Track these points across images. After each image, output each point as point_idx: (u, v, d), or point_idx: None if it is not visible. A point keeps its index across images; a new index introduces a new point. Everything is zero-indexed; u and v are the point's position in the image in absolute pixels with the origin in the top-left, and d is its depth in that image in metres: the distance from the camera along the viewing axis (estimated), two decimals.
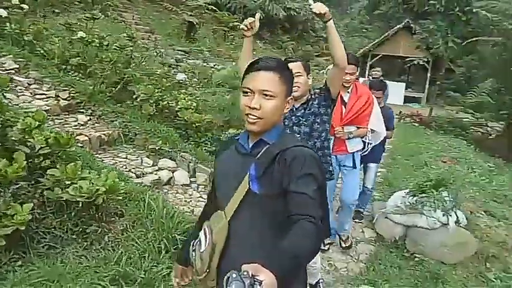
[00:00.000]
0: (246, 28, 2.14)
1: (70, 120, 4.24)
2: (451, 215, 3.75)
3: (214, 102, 4.96)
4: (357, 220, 4.34)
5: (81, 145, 3.75)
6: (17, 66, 4.62)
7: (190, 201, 3.76)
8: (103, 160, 3.77)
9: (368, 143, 3.71)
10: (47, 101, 4.29)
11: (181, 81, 5.29)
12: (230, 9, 16.09)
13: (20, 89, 4.33)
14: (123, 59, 4.87)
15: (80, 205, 2.69)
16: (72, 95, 4.39)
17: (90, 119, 4.34)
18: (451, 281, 3.45)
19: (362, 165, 4.08)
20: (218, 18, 12.88)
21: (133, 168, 3.89)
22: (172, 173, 4.07)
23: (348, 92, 3.41)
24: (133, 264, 2.61)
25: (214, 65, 6.95)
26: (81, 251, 2.63)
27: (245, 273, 0.85)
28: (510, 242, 4.15)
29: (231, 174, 1.35)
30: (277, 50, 19.48)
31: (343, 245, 3.83)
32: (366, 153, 3.73)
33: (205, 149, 4.45)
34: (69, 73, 4.75)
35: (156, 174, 3.92)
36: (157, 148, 4.16)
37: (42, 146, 2.72)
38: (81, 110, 4.39)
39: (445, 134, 11.69)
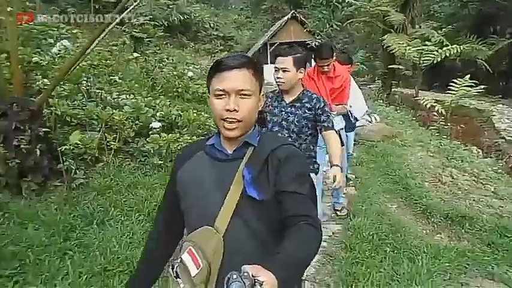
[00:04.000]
0: None
1: None
2: (372, 116, 7.13)
3: None
4: None
5: None
6: None
7: None
8: None
9: (354, 117, 4.20)
10: None
11: (191, 77, 7.70)
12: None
13: None
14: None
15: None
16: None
17: None
18: (379, 146, 6.78)
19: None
20: (145, 31, 14.82)
21: None
22: None
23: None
24: None
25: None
26: None
27: (245, 273, 0.83)
28: (400, 127, 7.77)
29: (210, 185, 1.22)
30: (192, 52, 21.94)
31: (339, 214, 4.19)
32: (355, 125, 4.44)
33: None
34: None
35: None
36: None
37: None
38: None
39: None
